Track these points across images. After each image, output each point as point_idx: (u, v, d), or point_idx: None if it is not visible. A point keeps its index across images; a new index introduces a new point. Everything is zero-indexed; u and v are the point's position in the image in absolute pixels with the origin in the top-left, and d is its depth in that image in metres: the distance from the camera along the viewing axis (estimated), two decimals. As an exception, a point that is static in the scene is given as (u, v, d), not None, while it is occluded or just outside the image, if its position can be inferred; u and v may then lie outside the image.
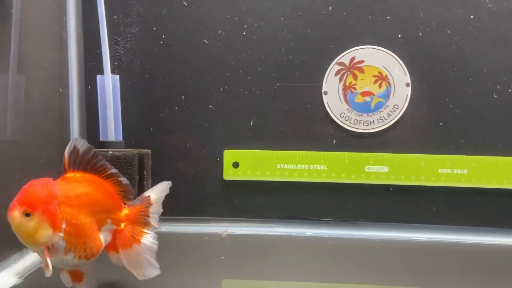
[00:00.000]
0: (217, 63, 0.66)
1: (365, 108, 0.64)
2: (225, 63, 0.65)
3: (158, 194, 0.43)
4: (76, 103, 0.65)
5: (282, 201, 0.66)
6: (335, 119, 0.65)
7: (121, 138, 0.61)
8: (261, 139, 0.66)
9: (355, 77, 0.64)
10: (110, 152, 0.55)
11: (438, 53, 0.63)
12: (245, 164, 0.65)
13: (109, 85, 0.60)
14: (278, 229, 0.66)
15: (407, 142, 0.64)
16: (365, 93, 0.64)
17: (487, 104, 0.63)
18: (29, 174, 0.38)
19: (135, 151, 0.58)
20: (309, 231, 0.65)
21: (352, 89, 0.64)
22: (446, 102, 0.63)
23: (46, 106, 0.58)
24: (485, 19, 0.62)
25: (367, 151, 0.64)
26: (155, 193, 0.43)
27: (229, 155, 0.66)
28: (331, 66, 0.64)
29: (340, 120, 0.65)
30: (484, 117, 0.63)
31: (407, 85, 0.64)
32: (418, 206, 0.65)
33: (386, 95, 0.64)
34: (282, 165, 0.65)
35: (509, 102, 0.63)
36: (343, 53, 0.64)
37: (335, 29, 0.64)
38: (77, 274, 0.39)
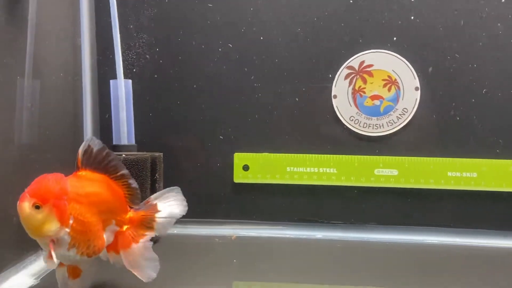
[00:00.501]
0: (228, 67, 0.66)
1: (374, 112, 0.65)
2: (236, 67, 0.66)
3: (166, 203, 0.43)
4: (90, 107, 0.66)
5: (292, 204, 0.67)
6: (344, 122, 0.65)
7: (133, 142, 0.62)
8: (271, 142, 0.66)
9: (365, 81, 0.65)
10: (123, 156, 0.56)
11: (448, 57, 0.63)
12: (255, 167, 0.66)
13: (122, 89, 0.61)
14: (288, 231, 0.66)
15: (416, 146, 0.64)
16: (374, 97, 0.65)
17: (497, 108, 0.63)
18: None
19: (148, 155, 0.58)
20: (319, 233, 0.65)
21: (362, 93, 0.65)
22: (455, 105, 0.64)
23: (60, 110, 0.59)
24: (495, 22, 0.62)
25: (377, 155, 0.65)
26: (162, 202, 0.43)
27: (239, 158, 0.66)
28: (340, 70, 0.65)
29: (349, 124, 0.65)
30: (493, 121, 0.63)
31: (416, 88, 0.64)
32: (427, 209, 0.65)
33: (396, 99, 0.64)
34: (292, 168, 0.65)
35: (519, 106, 0.63)
36: (353, 57, 0.65)
37: (344, 33, 0.65)
38: (75, 270, 0.40)
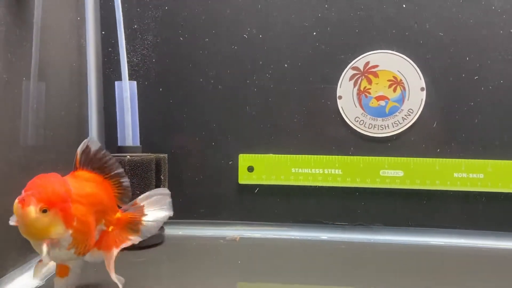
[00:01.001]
0: (232, 68, 0.66)
1: (379, 113, 0.65)
2: (240, 68, 0.66)
3: (153, 206, 0.43)
4: (95, 109, 0.66)
5: (297, 205, 0.67)
6: (349, 123, 0.65)
7: (138, 143, 0.62)
8: (275, 143, 0.66)
9: (370, 82, 0.65)
10: (128, 157, 0.56)
11: (453, 57, 0.63)
12: (260, 168, 0.66)
13: (127, 91, 0.61)
14: (293, 233, 0.66)
15: (422, 146, 0.64)
16: (379, 98, 0.65)
17: (503, 108, 0.63)
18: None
19: (152, 156, 0.59)
20: (324, 235, 0.65)
21: (367, 94, 0.65)
22: (461, 106, 0.63)
23: (65, 111, 0.60)
24: (501, 22, 0.62)
25: (382, 155, 0.64)
26: (149, 204, 0.43)
27: (244, 159, 0.66)
28: (345, 70, 0.65)
29: (354, 125, 0.65)
30: (500, 121, 0.63)
31: (422, 89, 0.64)
32: (433, 211, 0.64)
33: (401, 100, 0.64)
34: (297, 169, 0.65)
35: (525, 106, 0.62)
36: (358, 58, 0.64)
37: (350, 33, 0.64)
38: (64, 268, 0.40)
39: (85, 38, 0.65)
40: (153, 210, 0.43)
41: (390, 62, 0.64)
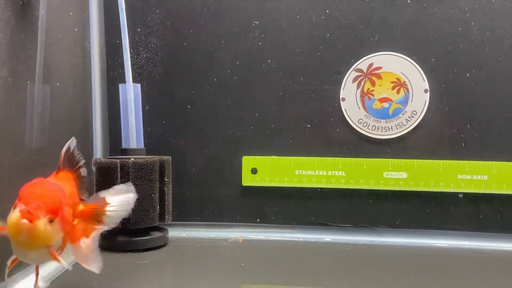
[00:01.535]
0: (236, 70, 0.66)
1: (383, 114, 0.64)
2: (244, 70, 0.66)
3: (114, 196, 0.41)
4: (99, 111, 0.67)
5: (301, 207, 0.67)
6: (353, 125, 0.65)
7: (142, 145, 0.62)
8: (279, 145, 0.66)
9: (373, 84, 0.64)
10: (132, 159, 0.56)
11: (457, 59, 0.63)
12: (263, 170, 0.66)
13: (131, 93, 0.61)
14: (297, 235, 0.66)
15: (425, 148, 0.64)
16: (383, 99, 0.64)
17: (507, 109, 0.62)
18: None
19: (156, 158, 0.59)
20: (327, 237, 0.65)
21: (370, 95, 0.65)
22: (465, 107, 0.63)
23: (70, 114, 0.60)
24: (505, 24, 0.62)
25: (386, 157, 0.64)
26: (111, 195, 0.41)
27: (247, 161, 0.66)
28: (348, 72, 0.65)
29: (358, 126, 0.65)
30: (504, 123, 0.62)
31: (425, 91, 0.63)
32: (437, 213, 0.64)
33: (404, 101, 0.64)
34: (300, 171, 0.65)
35: (530, 107, 0.62)
36: (361, 59, 0.64)
37: (353, 35, 0.65)
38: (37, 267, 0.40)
39: (89, 41, 0.65)
40: (115, 200, 0.41)
41: (393, 63, 0.64)
